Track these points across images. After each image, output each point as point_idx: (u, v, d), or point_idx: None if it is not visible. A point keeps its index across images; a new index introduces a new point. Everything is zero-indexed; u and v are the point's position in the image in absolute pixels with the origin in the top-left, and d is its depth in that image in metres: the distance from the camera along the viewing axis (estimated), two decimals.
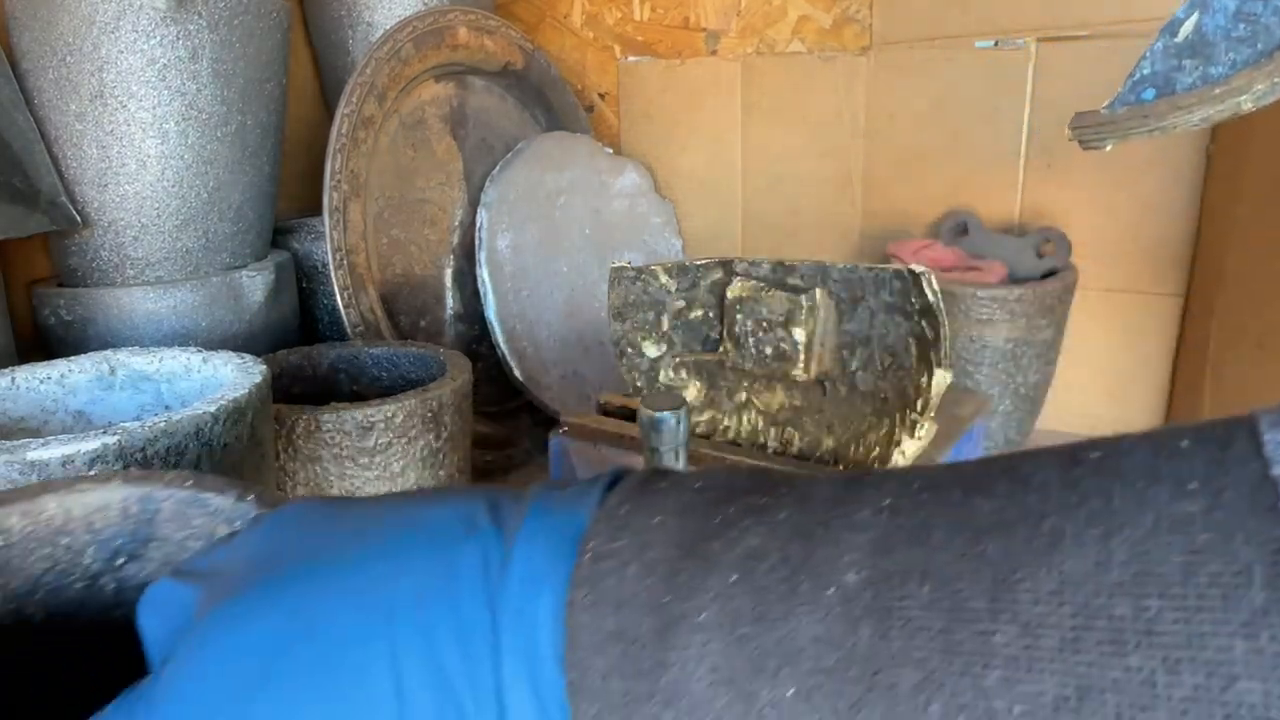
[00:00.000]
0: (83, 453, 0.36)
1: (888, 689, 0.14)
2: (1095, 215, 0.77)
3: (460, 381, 0.56)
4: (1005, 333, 0.70)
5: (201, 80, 0.62)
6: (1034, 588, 0.14)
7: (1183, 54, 0.39)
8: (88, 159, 0.61)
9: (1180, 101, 0.38)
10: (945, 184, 0.83)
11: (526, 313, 0.83)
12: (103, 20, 0.58)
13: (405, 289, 0.79)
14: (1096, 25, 0.73)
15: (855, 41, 0.85)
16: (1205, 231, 0.72)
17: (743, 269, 0.56)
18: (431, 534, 0.19)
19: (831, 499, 0.17)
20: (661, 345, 0.61)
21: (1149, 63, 0.40)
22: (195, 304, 0.64)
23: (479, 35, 0.84)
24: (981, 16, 0.77)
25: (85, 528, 0.29)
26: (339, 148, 0.70)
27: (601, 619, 0.17)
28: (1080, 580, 0.13)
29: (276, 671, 0.18)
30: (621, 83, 1.00)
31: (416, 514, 0.20)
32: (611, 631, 0.17)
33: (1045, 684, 0.13)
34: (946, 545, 0.15)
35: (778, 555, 0.16)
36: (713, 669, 0.16)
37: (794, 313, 0.53)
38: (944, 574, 0.15)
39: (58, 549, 0.29)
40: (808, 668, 0.15)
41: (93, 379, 0.49)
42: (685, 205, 1.00)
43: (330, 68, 0.89)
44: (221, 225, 0.67)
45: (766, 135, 0.92)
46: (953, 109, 0.81)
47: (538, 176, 0.86)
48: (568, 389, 0.85)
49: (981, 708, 0.13)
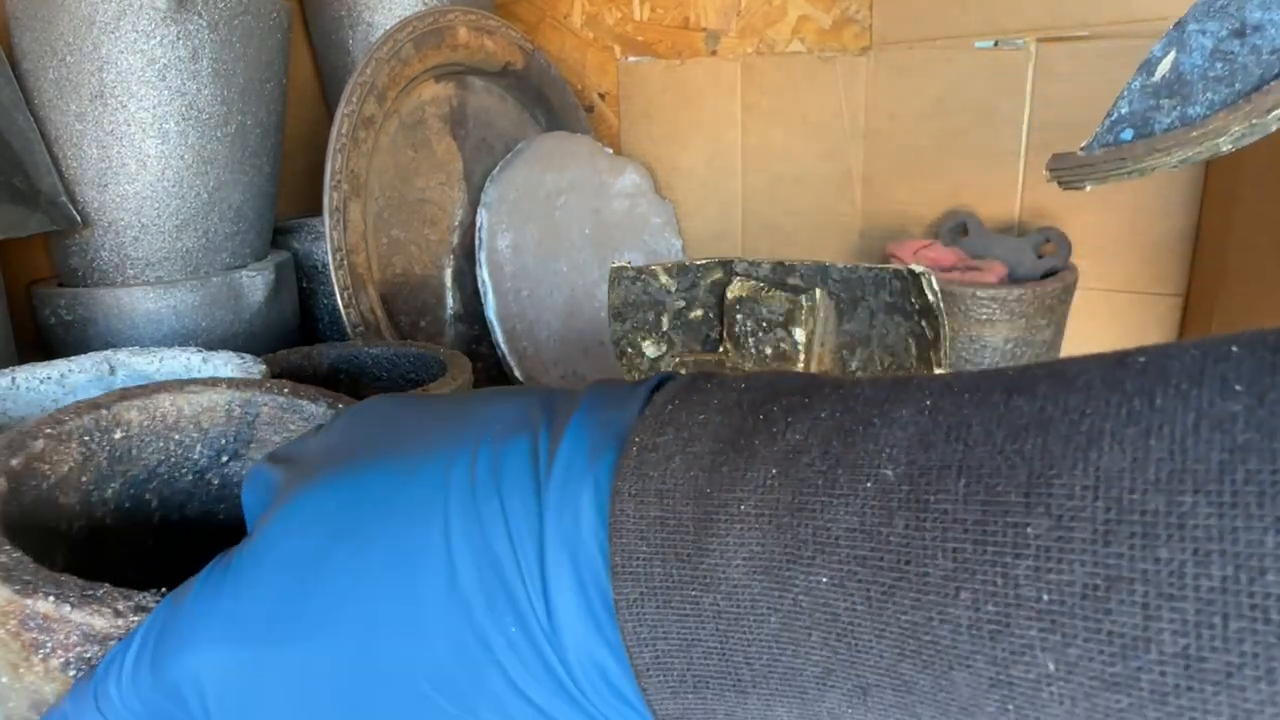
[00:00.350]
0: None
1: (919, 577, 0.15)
2: (1095, 215, 0.77)
3: (460, 381, 0.56)
4: (1005, 333, 0.70)
5: (201, 80, 0.62)
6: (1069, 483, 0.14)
7: (1160, 93, 0.38)
8: (88, 159, 0.61)
9: (1158, 144, 0.38)
10: (945, 184, 0.83)
11: (526, 313, 0.83)
12: (103, 20, 0.58)
13: (405, 289, 0.79)
14: (1096, 25, 0.73)
15: (855, 41, 0.85)
16: (1205, 231, 0.72)
17: (743, 269, 0.56)
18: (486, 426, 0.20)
19: (874, 399, 0.17)
20: (661, 345, 0.61)
21: (1126, 102, 0.40)
22: (195, 304, 0.64)
23: (479, 35, 0.84)
24: (981, 16, 0.77)
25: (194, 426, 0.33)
26: (339, 148, 0.70)
27: (645, 508, 0.17)
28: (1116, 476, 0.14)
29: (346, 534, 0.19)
30: (621, 83, 1.00)
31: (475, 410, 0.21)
32: (655, 518, 0.17)
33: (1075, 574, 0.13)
34: (985, 442, 0.15)
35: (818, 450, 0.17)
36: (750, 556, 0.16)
37: (794, 313, 0.53)
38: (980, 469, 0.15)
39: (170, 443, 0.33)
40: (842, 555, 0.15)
41: (93, 379, 0.49)
42: (685, 205, 1.00)
43: (330, 68, 0.89)
44: (221, 225, 0.67)
45: (766, 135, 0.92)
46: (953, 109, 0.81)
47: (538, 176, 0.86)
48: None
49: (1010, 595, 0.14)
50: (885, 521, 0.15)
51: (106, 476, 0.32)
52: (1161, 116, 0.38)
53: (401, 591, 0.19)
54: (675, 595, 0.17)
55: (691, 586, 0.17)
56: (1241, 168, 0.65)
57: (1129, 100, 0.39)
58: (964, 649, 0.14)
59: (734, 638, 0.17)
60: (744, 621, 0.16)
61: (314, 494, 0.20)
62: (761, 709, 0.17)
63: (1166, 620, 0.13)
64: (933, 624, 0.15)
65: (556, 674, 0.18)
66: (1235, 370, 0.14)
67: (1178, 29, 0.38)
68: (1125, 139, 0.39)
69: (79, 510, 0.31)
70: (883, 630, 0.15)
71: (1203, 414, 0.13)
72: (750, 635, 0.16)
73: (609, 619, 0.18)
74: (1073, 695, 0.14)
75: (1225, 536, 0.13)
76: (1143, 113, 0.39)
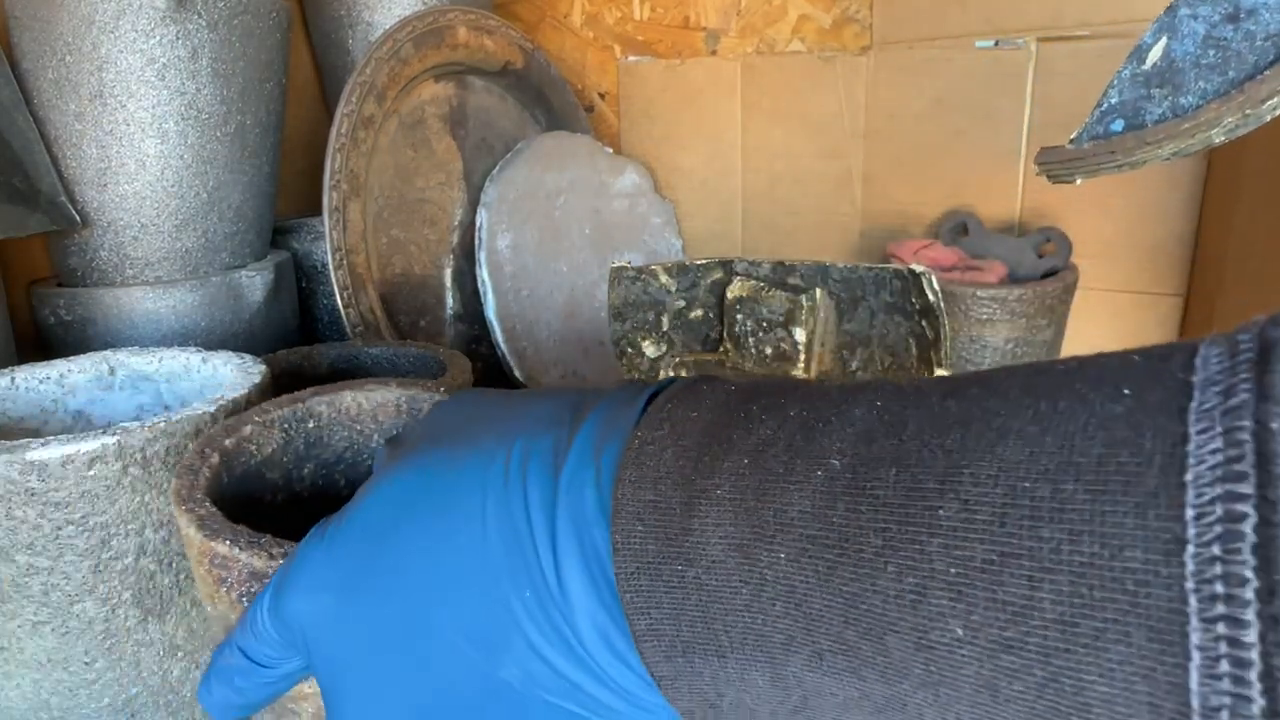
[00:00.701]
0: (82, 453, 0.36)
1: (856, 553, 0.17)
2: (1095, 215, 0.77)
3: (460, 382, 0.56)
4: (1005, 333, 0.70)
5: (201, 80, 0.62)
6: (976, 472, 0.16)
7: (1151, 82, 0.37)
8: (87, 159, 0.61)
9: (1148, 136, 0.37)
10: (945, 184, 0.83)
11: (526, 313, 0.83)
12: (102, 20, 0.58)
13: (405, 289, 0.79)
14: (1096, 25, 0.73)
15: (855, 41, 0.85)
16: (1205, 232, 0.72)
17: (743, 269, 0.56)
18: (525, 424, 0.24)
19: (835, 399, 0.20)
20: (661, 345, 0.61)
21: (1116, 91, 0.38)
22: (195, 304, 0.64)
23: (479, 35, 0.84)
24: (981, 16, 0.77)
25: (371, 418, 0.40)
26: (339, 147, 0.70)
27: (642, 492, 0.20)
28: (1013, 466, 0.16)
29: (412, 510, 0.23)
30: (621, 82, 1.00)
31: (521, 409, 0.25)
32: (649, 502, 0.20)
33: (975, 550, 0.16)
34: (916, 437, 0.17)
35: (784, 443, 0.19)
36: (725, 536, 0.19)
37: (794, 313, 0.53)
38: (908, 460, 0.17)
39: (353, 432, 0.40)
40: (797, 535, 0.18)
41: (92, 379, 0.49)
42: (685, 205, 0.99)
43: (330, 68, 0.89)
44: (221, 225, 0.66)
45: (766, 135, 0.92)
46: (953, 109, 0.81)
47: (538, 176, 0.86)
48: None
49: (926, 568, 0.16)
50: (830, 505, 0.17)
51: (303, 458, 0.39)
52: (1153, 107, 0.37)
53: (448, 560, 0.22)
54: (665, 569, 0.19)
55: (678, 561, 0.19)
56: (1242, 169, 0.65)
57: (1119, 90, 0.38)
58: (892, 616, 0.16)
59: (714, 608, 0.19)
60: (721, 593, 0.19)
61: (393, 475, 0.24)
62: (739, 672, 0.19)
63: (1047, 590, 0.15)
64: (867, 594, 0.17)
65: (566, 637, 0.20)
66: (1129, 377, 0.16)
67: (1169, 13, 0.36)
68: (1115, 130, 0.38)
69: (281, 484, 0.38)
70: (830, 601, 0.17)
71: (1093, 414, 0.15)
72: (726, 605, 0.19)
73: (610, 590, 0.20)
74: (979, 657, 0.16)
75: (1095, 519, 0.14)
76: (1133, 103, 0.38)
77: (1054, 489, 0.15)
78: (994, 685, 0.16)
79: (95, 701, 0.40)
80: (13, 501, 0.35)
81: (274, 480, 0.38)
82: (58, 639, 0.38)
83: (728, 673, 0.19)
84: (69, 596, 0.37)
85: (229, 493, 0.34)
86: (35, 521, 0.36)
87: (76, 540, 0.37)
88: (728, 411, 0.21)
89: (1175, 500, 0.14)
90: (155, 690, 0.41)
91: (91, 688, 0.39)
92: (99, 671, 0.39)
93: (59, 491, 0.36)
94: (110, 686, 0.40)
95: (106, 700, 0.40)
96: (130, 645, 0.39)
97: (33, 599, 0.37)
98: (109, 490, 0.37)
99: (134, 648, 0.40)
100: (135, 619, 0.39)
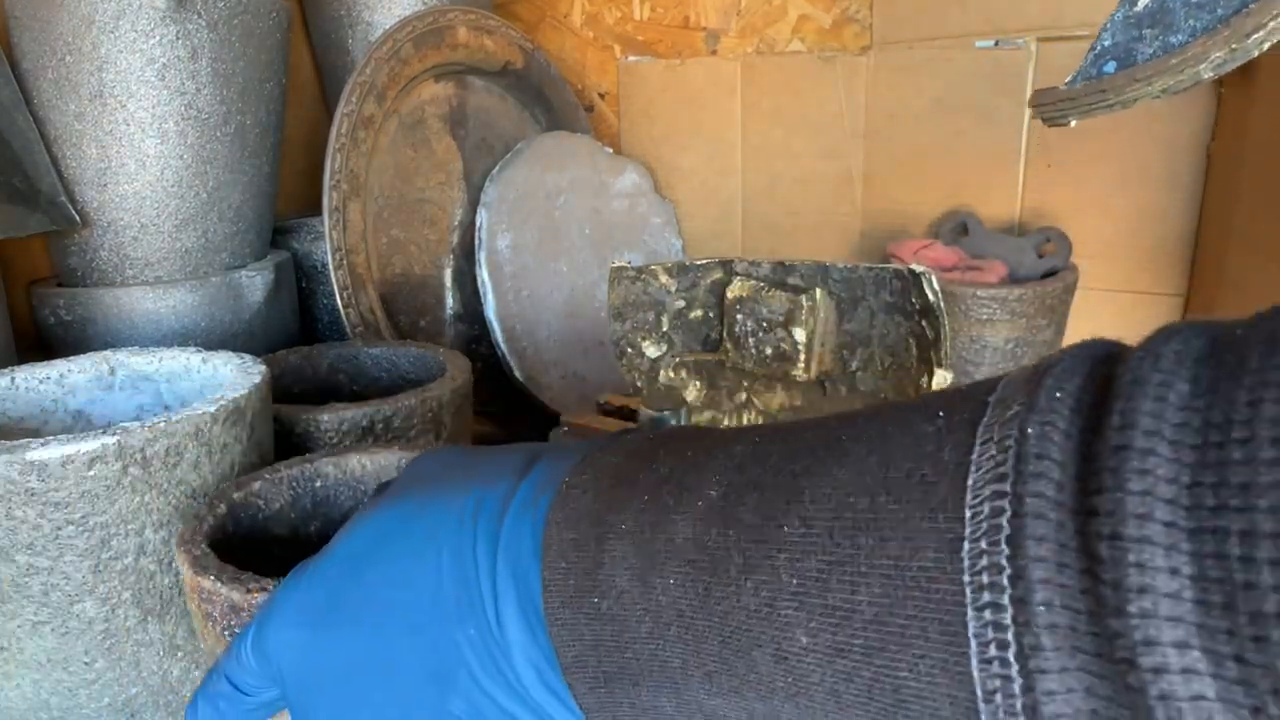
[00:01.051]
0: (82, 453, 0.36)
1: (724, 573, 0.18)
2: (1095, 215, 0.77)
3: (460, 381, 0.56)
4: (1005, 333, 0.70)
5: (201, 80, 0.62)
6: (814, 493, 0.17)
7: (1142, 23, 0.38)
8: (87, 159, 0.61)
9: (1138, 73, 0.37)
10: (945, 184, 0.83)
11: (526, 313, 0.83)
12: (102, 20, 0.58)
13: (405, 289, 0.79)
14: (1096, 25, 0.73)
15: (855, 41, 0.85)
16: (1205, 232, 0.72)
17: (743, 269, 0.56)
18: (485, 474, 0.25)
19: (723, 438, 0.21)
20: (661, 345, 0.61)
21: (1109, 34, 0.39)
22: (195, 304, 0.64)
23: (479, 35, 0.84)
24: (981, 16, 0.77)
25: (374, 478, 0.41)
26: (339, 147, 0.70)
27: (564, 531, 0.21)
28: (843, 484, 0.17)
29: (381, 549, 0.25)
30: (621, 82, 1.00)
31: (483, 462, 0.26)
32: (570, 540, 0.21)
33: (811, 561, 0.17)
34: (775, 466, 0.19)
35: (676, 479, 0.20)
36: (628, 566, 0.20)
37: (794, 313, 0.53)
38: (767, 486, 0.18)
39: (358, 491, 0.41)
40: (680, 560, 0.19)
41: (92, 379, 0.49)
42: (685, 205, 0.99)
43: (330, 68, 0.89)
44: (221, 225, 0.66)
45: (766, 135, 0.92)
46: (953, 109, 0.81)
47: (538, 176, 0.86)
48: (568, 389, 0.85)
49: (775, 582, 0.17)
50: (705, 531, 0.19)
51: (310, 516, 0.41)
52: (1144, 47, 0.38)
53: (408, 597, 0.23)
54: (584, 602, 0.20)
55: (594, 594, 0.20)
56: (1242, 168, 0.65)
57: (1112, 32, 0.39)
58: (755, 631, 0.18)
59: (624, 636, 0.20)
60: (628, 622, 0.20)
61: (369, 517, 0.26)
62: (651, 699, 0.20)
63: (864, 593, 0.16)
64: (735, 612, 0.18)
65: (505, 673, 0.22)
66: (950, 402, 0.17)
67: None
68: (1108, 71, 0.39)
69: (288, 539, 0.40)
70: (709, 621, 0.18)
71: (911, 434, 0.17)
72: (633, 634, 0.20)
73: (542, 627, 0.21)
74: (820, 664, 0.17)
75: (900, 525, 0.16)
76: (1126, 44, 0.38)
77: (871, 501, 0.16)
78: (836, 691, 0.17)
79: (95, 701, 0.40)
80: (13, 501, 0.35)
81: (281, 536, 0.39)
82: (58, 639, 0.38)
83: (642, 701, 0.20)
84: (69, 596, 0.37)
85: (236, 543, 0.36)
86: (35, 521, 0.36)
87: (76, 540, 0.37)
88: (639, 455, 0.22)
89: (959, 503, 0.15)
90: (155, 690, 0.41)
91: (91, 688, 0.39)
92: (99, 671, 0.39)
93: (59, 491, 0.36)
94: (110, 686, 0.40)
95: (106, 700, 0.40)
96: (130, 645, 0.39)
97: (33, 599, 0.37)
98: (109, 490, 0.37)
99: (134, 648, 0.40)
100: (135, 619, 0.39)
